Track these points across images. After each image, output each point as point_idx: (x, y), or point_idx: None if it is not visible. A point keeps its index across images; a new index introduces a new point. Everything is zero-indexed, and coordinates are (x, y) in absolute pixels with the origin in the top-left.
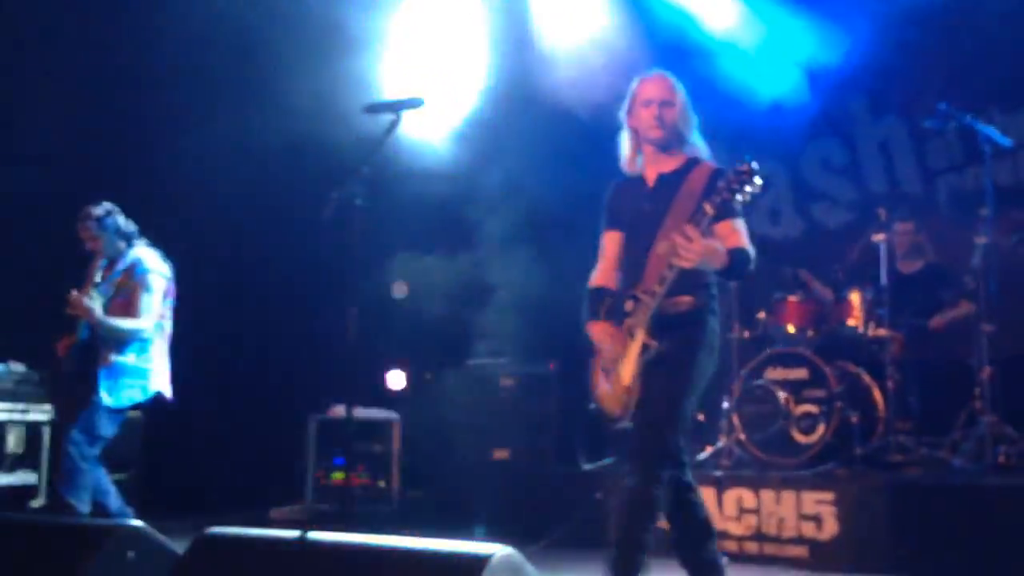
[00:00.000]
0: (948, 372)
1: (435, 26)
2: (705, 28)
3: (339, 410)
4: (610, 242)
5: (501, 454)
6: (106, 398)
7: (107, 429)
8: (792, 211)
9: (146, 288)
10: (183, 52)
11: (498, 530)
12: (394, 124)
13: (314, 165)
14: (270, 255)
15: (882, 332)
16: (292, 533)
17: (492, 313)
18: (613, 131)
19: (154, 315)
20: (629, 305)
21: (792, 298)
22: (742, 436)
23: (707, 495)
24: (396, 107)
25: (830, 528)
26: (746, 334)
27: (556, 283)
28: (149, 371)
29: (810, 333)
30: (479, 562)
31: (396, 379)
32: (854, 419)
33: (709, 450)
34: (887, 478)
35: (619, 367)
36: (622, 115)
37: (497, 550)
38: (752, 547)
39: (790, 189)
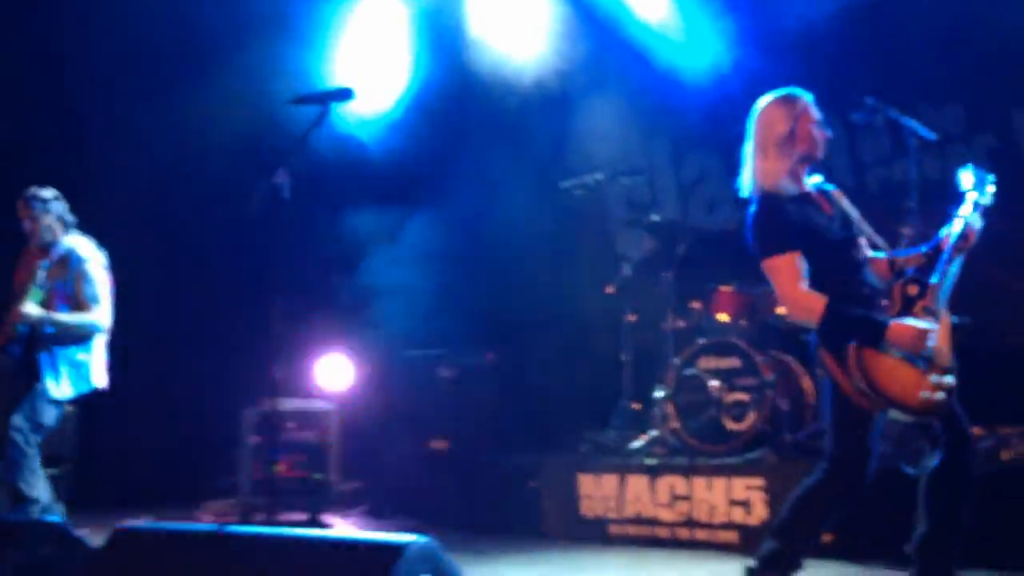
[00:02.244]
0: None
1: (368, 17)
2: (639, 20)
3: (274, 402)
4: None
5: (439, 444)
6: (51, 387)
7: (49, 418)
8: (729, 202)
9: (86, 278)
10: (115, 39)
11: (434, 519)
12: (322, 116)
13: (246, 155)
14: (204, 246)
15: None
16: (209, 526)
17: (430, 304)
18: (546, 122)
19: (105, 306)
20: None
21: (725, 288)
22: (675, 424)
23: (640, 483)
24: (324, 98)
25: (759, 513)
26: (681, 324)
27: (494, 274)
28: (90, 363)
29: (743, 323)
30: (395, 551)
31: (333, 370)
32: (784, 407)
33: (643, 438)
34: (815, 464)
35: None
36: (781, 131)
37: (413, 539)
38: (684, 533)
39: (726, 180)
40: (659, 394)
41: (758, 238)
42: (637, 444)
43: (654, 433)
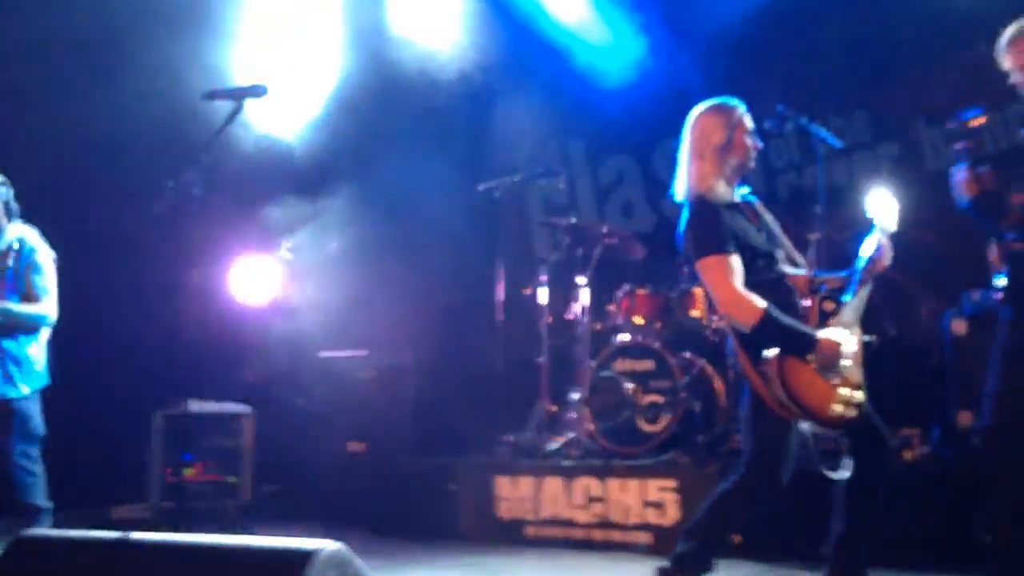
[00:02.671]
0: None
1: (288, 13)
2: (558, 22)
3: (187, 405)
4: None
5: (356, 447)
6: (24, 390)
7: (37, 420)
8: (644, 205)
9: (36, 269)
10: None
11: (352, 523)
12: (235, 112)
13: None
14: (115, 245)
15: (723, 324)
16: (113, 534)
17: (348, 305)
18: (466, 122)
19: (54, 298)
20: (829, 306)
21: (641, 291)
22: (591, 426)
23: (556, 485)
24: (238, 95)
25: (672, 514)
26: (597, 326)
27: (414, 275)
28: (42, 358)
29: (657, 325)
30: (304, 558)
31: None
32: (697, 408)
33: (560, 441)
34: (726, 464)
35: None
36: (718, 139)
37: (324, 545)
38: (599, 535)
39: (643, 184)
40: (575, 396)
41: (693, 238)
42: (553, 446)
43: (570, 435)
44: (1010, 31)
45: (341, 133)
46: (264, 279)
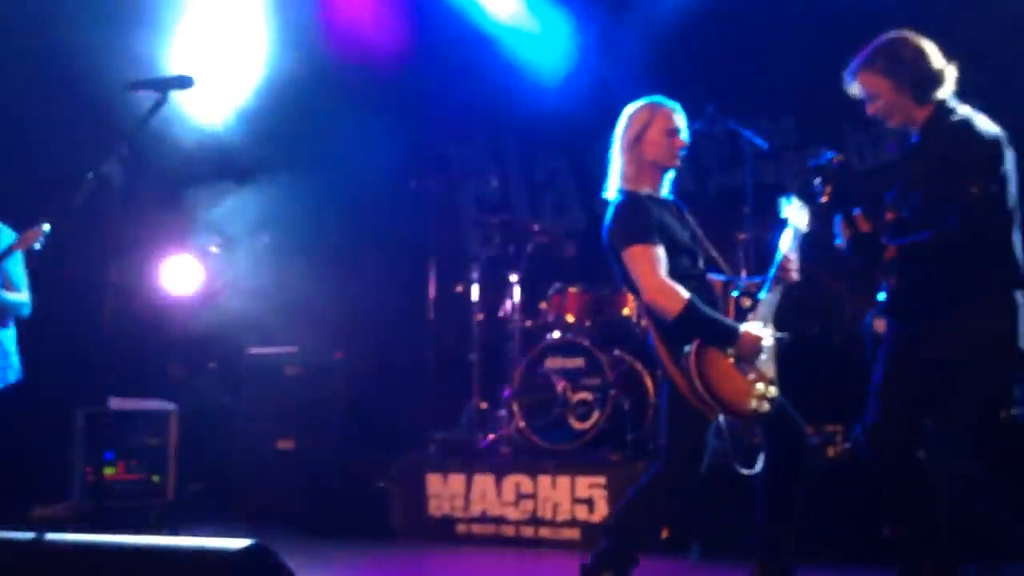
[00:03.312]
0: None
1: (217, 2)
2: (493, 21)
3: (109, 402)
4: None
5: (285, 444)
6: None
7: None
8: (577, 203)
9: (14, 259)
10: None
11: (280, 521)
12: (160, 103)
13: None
14: None
15: (644, 320)
16: (27, 535)
17: (276, 301)
18: (399, 118)
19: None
20: (746, 302)
21: (572, 289)
22: (522, 424)
23: (486, 482)
24: (163, 85)
25: (601, 510)
26: (528, 324)
27: (345, 271)
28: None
29: (588, 323)
30: (225, 558)
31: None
32: (626, 406)
33: (491, 438)
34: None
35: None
36: (636, 135)
37: (246, 544)
38: (529, 531)
39: (575, 182)
40: (506, 393)
41: (619, 228)
42: (485, 443)
43: (501, 432)
44: (856, 61)
45: (270, 126)
46: (191, 273)
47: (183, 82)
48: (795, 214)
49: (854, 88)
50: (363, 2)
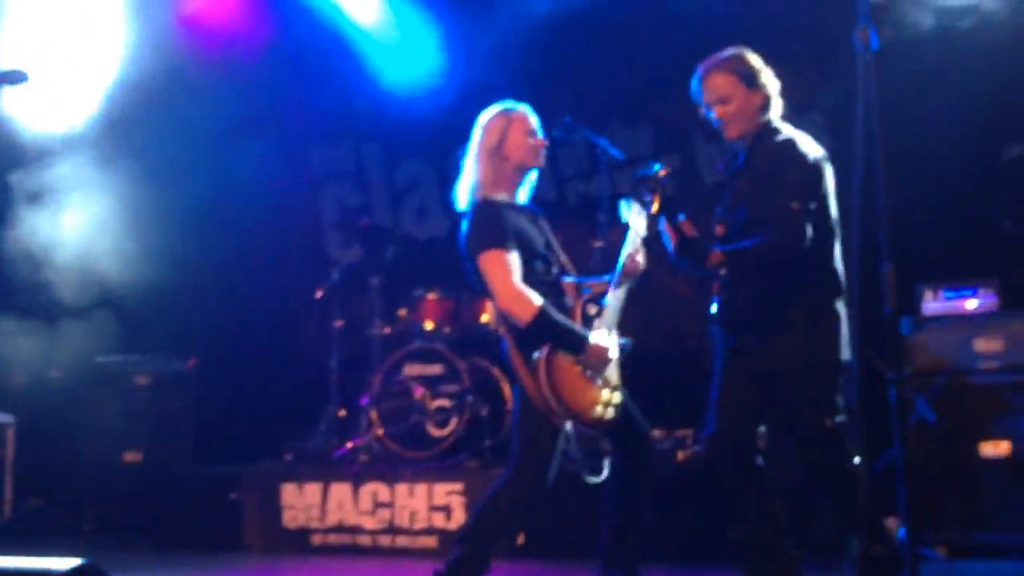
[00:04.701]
0: None
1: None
2: (352, 21)
3: None
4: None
5: (133, 456)
6: None
7: None
8: (438, 209)
9: None
10: None
11: (129, 537)
12: None
13: None
14: None
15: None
16: None
17: (126, 306)
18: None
19: None
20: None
21: (432, 295)
22: (380, 431)
23: (343, 491)
24: None
25: (459, 518)
26: (387, 330)
27: (197, 275)
28: None
29: (447, 329)
30: None
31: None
32: (484, 412)
33: (348, 446)
34: None
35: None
36: (494, 141)
37: (76, 564)
38: (386, 540)
39: (438, 188)
40: (364, 400)
41: (475, 234)
42: (342, 451)
43: (359, 440)
44: (707, 63)
45: (123, 125)
46: None
47: (17, 76)
48: (634, 218)
49: (708, 88)
50: (221, 5)
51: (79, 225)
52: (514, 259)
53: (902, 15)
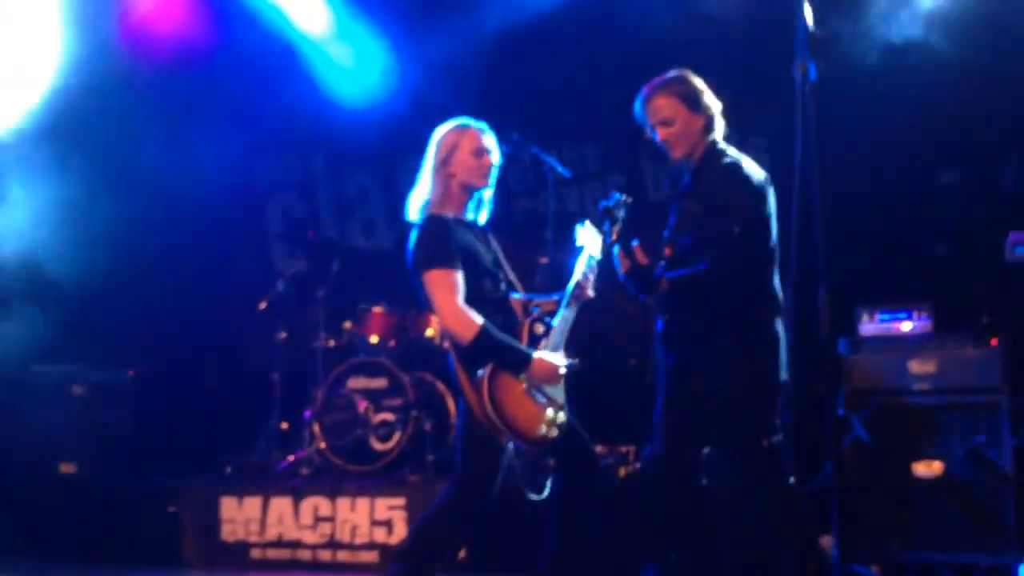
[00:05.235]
0: None
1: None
2: (302, 33)
3: None
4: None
5: (68, 468)
6: None
7: None
8: (386, 222)
9: None
10: None
11: (63, 552)
12: None
13: None
14: None
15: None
16: None
17: (63, 314)
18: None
19: None
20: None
21: (377, 309)
22: (322, 444)
23: (284, 505)
24: None
25: (400, 532)
26: (332, 343)
27: (139, 284)
28: None
29: (392, 343)
30: None
31: None
32: (428, 427)
33: (290, 459)
34: None
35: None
36: (444, 157)
37: None
38: (326, 555)
39: (385, 201)
40: (307, 414)
41: (420, 251)
42: (284, 465)
43: (301, 453)
44: (652, 85)
45: (67, 133)
46: None
47: None
48: (589, 240)
49: (651, 110)
50: (168, 11)
51: (15, 232)
52: (458, 278)
53: (844, 48)
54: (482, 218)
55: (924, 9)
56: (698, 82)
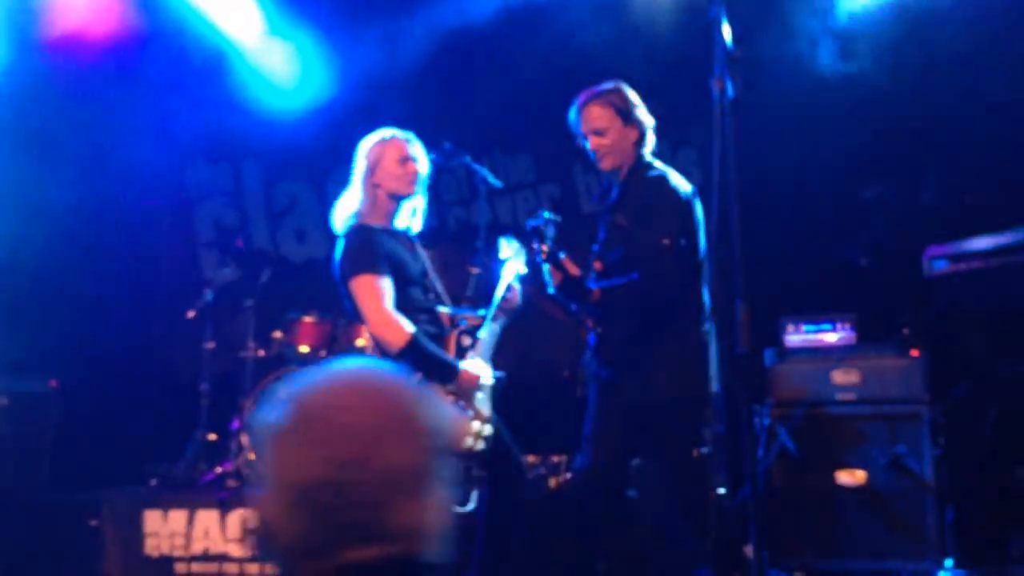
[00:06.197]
0: None
1: None
2: (232, 40)
3: None
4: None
5: None
6: None
7: None
8: (317, 231)
9: None
10: None
11: None
12: None
13: None
14: None
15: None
16: None
17: None
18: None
19: None
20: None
21: (308, 318)
22: (251, 456)
23: (210, 518)
24: None
25: None
26: (261, 353)
27: (62, 290)
28: None
29: (323, 353)
30: None
31: None
32: None
33: (217, 471)
34: None
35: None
36: (369, 167)
37: None
38: (253, 569)
39: (317, 210)
40: (235, 424)
41: (347, 259)
42: (210, 477)
43: (229, 465)
44: (586, 94)
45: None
46: None
47: None
48: (513, 254)
49: (585, 118)
50: (96, 15)
51: None
52: (386, 284)
53: (768, 66)
54: (416, 227)
55: (847, 28)
56: (633, 95)
